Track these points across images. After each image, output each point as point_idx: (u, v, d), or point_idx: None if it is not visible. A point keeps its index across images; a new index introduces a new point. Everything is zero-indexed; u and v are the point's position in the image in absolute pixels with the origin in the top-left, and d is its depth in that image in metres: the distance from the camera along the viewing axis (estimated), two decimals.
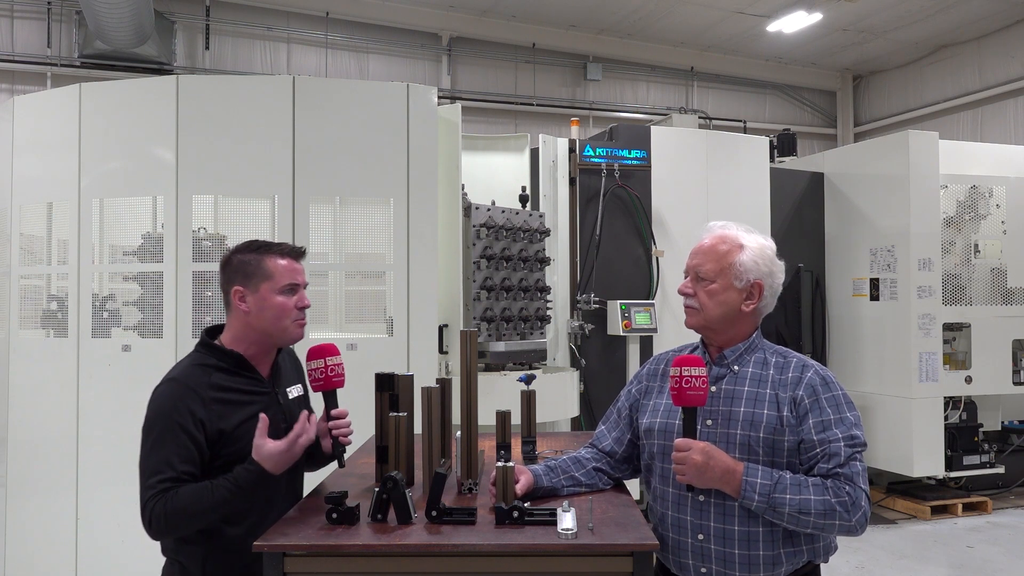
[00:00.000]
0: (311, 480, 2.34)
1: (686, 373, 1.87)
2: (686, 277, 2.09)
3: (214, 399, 2.03)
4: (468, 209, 4.74)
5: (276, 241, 2.22)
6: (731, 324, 2.03)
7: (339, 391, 2.18)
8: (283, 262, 2.14)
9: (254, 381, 2.14)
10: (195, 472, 1.97)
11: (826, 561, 2.01)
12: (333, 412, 2.17)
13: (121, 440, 4.09)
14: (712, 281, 2.01)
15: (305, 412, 2.08)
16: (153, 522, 1.91)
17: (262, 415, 2.01)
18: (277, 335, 2.14)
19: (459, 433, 2.21)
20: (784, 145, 8.49)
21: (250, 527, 2.03)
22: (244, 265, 2.12)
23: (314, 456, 2.26)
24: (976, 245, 6.48)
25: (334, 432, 2.16)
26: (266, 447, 1.96)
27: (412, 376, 2.32)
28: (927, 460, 6.05)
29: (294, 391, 2.27)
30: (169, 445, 1.95)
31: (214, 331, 2.20)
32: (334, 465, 2.28)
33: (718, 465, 1.86)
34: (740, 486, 1.86)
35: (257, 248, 2.15)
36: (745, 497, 1.86)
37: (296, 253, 2.19)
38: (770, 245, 2.06)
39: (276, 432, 2.11)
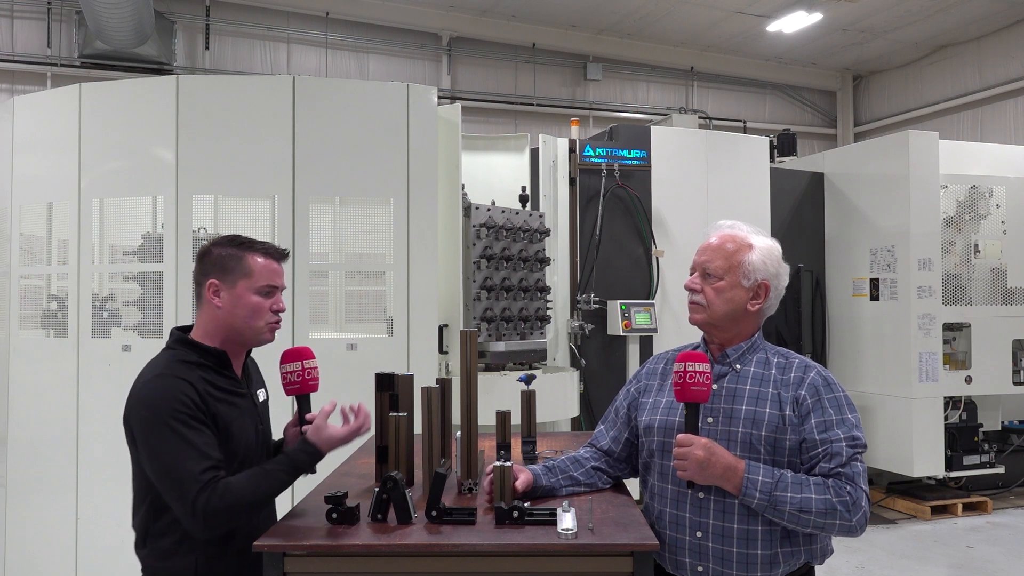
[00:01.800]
0: (309, 482, 2.33)
1: (690, 369, 1.87)
2: (692, 274, 2.09)
3: (207, 392, 1.95)
4: (468, 209, 4.74)
5: (260, 239, 2.12)
6: (735, 323, 2.03)
7: (337, 390, 2.17)
8: (265, 261, 2.05)
9: (233, 381, 2.06)
10: (223, 459, 1.89)
11: (821, 563, 2.01)
12: (307, 416, 2.12)
13: (121, 440, 4.08)
14: (720, 278, 2.01)
15: (362, 404, 2.08)
16: (208, 518, 1.79)
17: (333, 401, 2.02)
18: (248, 335, 2.05)
19: (459, 433, 2.22)
20: (784, 145, 8.49)
21: (241, 528, 1.97)
22: (224, 259, 2.03)
23: None
24: (976, 245, 6.48)
25: None
26: (327, 431, 1.97)
27: (412, 376, 2.33)
28: (927, 460, 6.05)
29: (261, 395, 2.20)
30: (193, 436, 1.85)
31: (183, 331, 2.09)
32: (334, 466, 2.28)
33: (720, 461, 1.86)
34: (741, 483, 1.86)
35: (240, 244, 2.06)
36: (746, 494, 1.86)
37: (279, 254, 2.10)
38: (777, 247, 2.07)
39: (255, 434, 2.08)
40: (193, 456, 1.83)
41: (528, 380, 2.53)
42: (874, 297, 6.36)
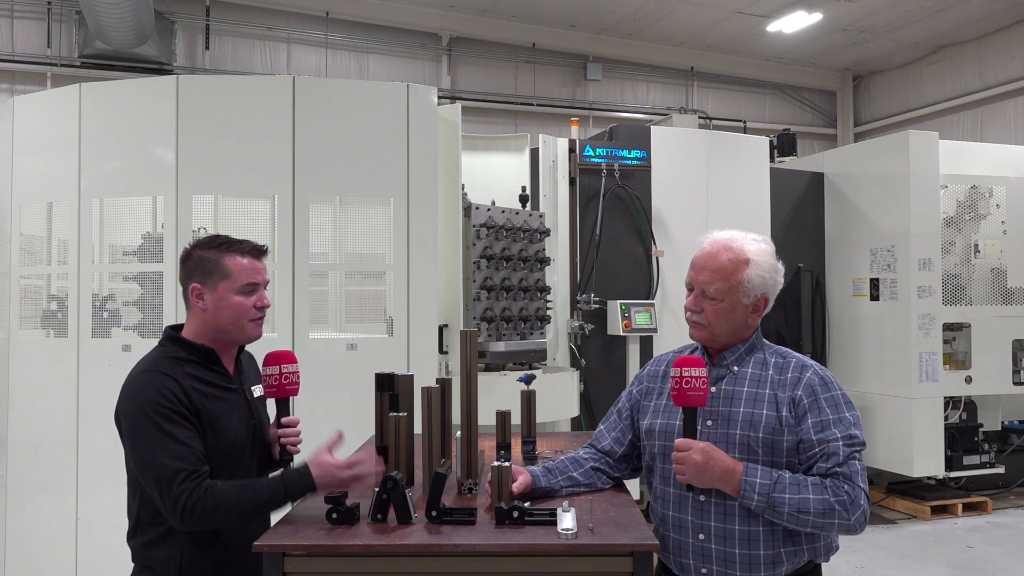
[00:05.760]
0: None
1: (686, 374, 1.88)
2: (688, 290, 2.06)
3: (193, 388, 1.97)
4: (468, 209, 4.73)
5: (238, 238, 2.15)
6: (736, 333, 2.04)
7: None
8: (243, 260, 2.08)
9: (223, 376, 2.09)
10: (205, 454, 1.92)
11: (827, 560, 2.02)
12: (284, 420, 2.15)
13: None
14: (720, 300, 1.99)
15: (378, 457, 2.05)
16: (185, 512, 1.83)
17: (339, 429, 2.02)
18: (234, 334, 2.09)
19: (459, 433, 2.21)
20: (784, 145, 8.49)
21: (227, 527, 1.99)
22: (203, 262, 2.07)
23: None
24: (976, 245, 6.48)
25: (282, 440, 2.14)
26: (328, 461, 1.95)
27: (412, 376, 2.33)
28: (927, 460, 6.05)
29: (257, 390, 2.22)
30: (174, 430, 1.88)
31: (176, 329, 2.14)
32: None
33: (718, 465, 1.87)
34: (739, 486, 1.87)
35: (218, 245, 2.09)
36: (744, 497, 1.87)
37: (257, 251, 2.13)
38: (771, 250, 2.04)
39: (246, 428, 2.10)
40: (174, 450, 1.87)
41: (528, 380, 2.53)
42: (874, 297, 6.36)
